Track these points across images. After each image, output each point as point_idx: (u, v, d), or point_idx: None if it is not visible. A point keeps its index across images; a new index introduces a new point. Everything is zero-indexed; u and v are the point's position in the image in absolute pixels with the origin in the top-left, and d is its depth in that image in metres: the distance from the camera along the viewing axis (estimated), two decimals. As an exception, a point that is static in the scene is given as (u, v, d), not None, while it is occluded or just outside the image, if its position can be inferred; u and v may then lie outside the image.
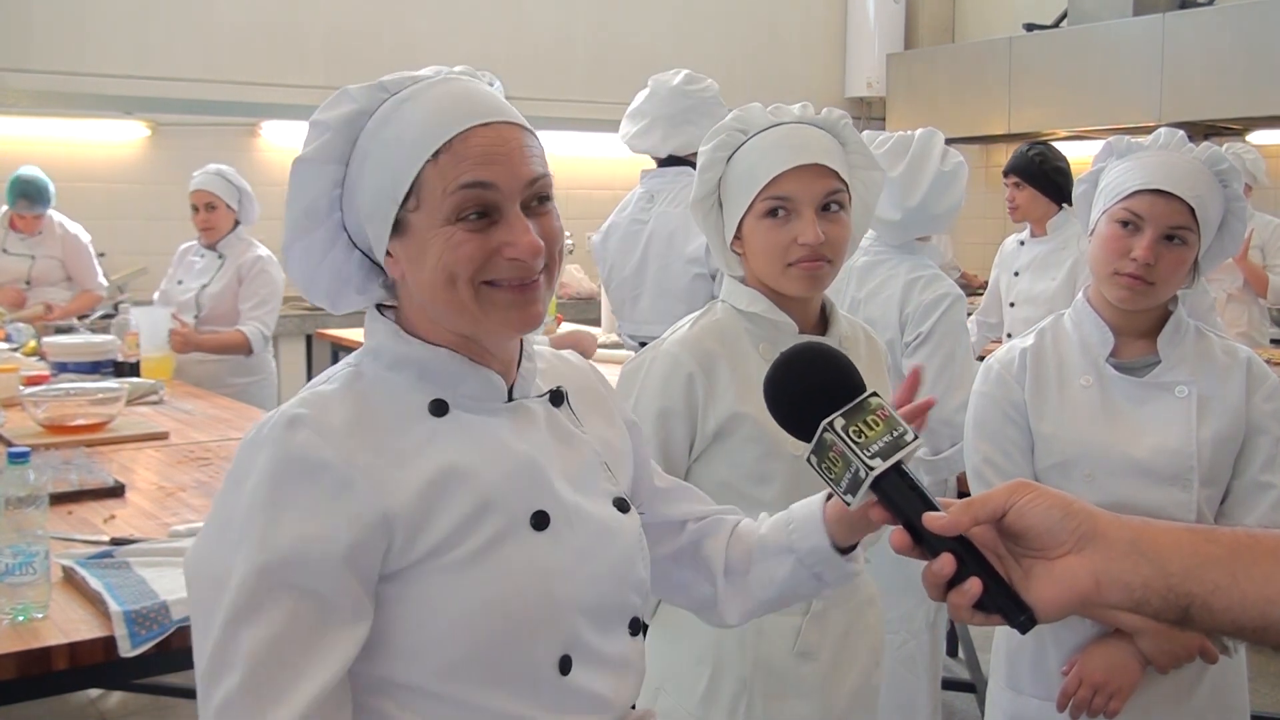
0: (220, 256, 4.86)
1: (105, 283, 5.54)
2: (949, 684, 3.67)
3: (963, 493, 2.92)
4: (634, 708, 1.38)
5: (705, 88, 3.72)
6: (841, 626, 1.95)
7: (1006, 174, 4.75)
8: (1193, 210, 1.96)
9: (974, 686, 3.92)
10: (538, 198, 1.23)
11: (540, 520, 1.24)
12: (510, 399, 1.30)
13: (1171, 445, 2.00)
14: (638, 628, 1.36)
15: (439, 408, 1.24)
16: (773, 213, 1.85)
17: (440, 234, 1.19)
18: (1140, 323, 2.07)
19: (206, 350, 4.73)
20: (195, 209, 4.81)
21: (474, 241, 1.19)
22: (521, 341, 1.34)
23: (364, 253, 1.29)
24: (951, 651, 4.25)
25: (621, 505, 1.36)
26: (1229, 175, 2.02)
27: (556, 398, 1.35)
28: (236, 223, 4.87)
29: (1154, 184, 1.98)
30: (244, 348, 4.76)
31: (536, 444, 1.28)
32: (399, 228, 1.22)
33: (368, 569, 1.16)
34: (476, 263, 1.19)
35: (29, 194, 5.32)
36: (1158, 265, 1.97)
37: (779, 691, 1.91)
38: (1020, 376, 2.12)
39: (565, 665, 1.24)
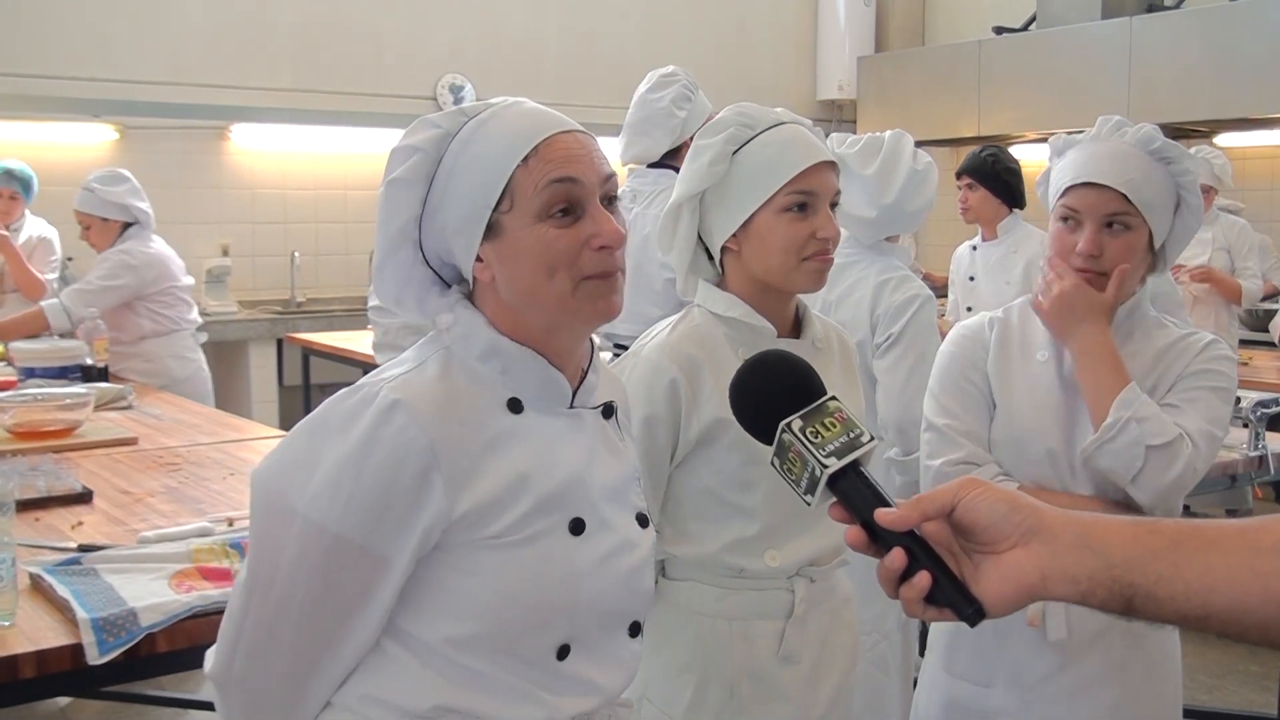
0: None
1: (54, 277, 5.46)
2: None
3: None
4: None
5: (660, 97, 3.70)
6: (822, 629, 1.96)
7: (959, 175, 4.80)
8: (1131, 197, 1.97)
9: (946, 687, 3.93)
10: (608, 197, 1.37)
11: (578, 526, 1.38)
12: (572, 405, 1.42)
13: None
14: (637, 630, 1.49)
15: (516, 405, 1.37)
16: (798, 207, 1.86)
17: (534, 231, 1.33)
18: None
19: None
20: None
21: (566, 236, 1.33)
22: (591, 353, 1.46)
23: (433, 269, 1.42)
24: (923, 651, 4.26)
25: (642, 520, 1.50)
26: (1166, 151, 2.01)
27: (608, 410, 1.48)
28: (128, 225, 4.84)
29: (1083, 178, 2.01)
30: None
31: (586, 455, 1.41)
32: (491, 231, 1.34)
33: (427, 544, 1.31)
34: (573, 254, 1.33)
35: (11, 169, 5.27)
36: (1106, 254, 1.99)
37: (764, 695, 1.92)
38: (985, 340, 2.15)
39: (563, 652, 1.37)
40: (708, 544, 1.90)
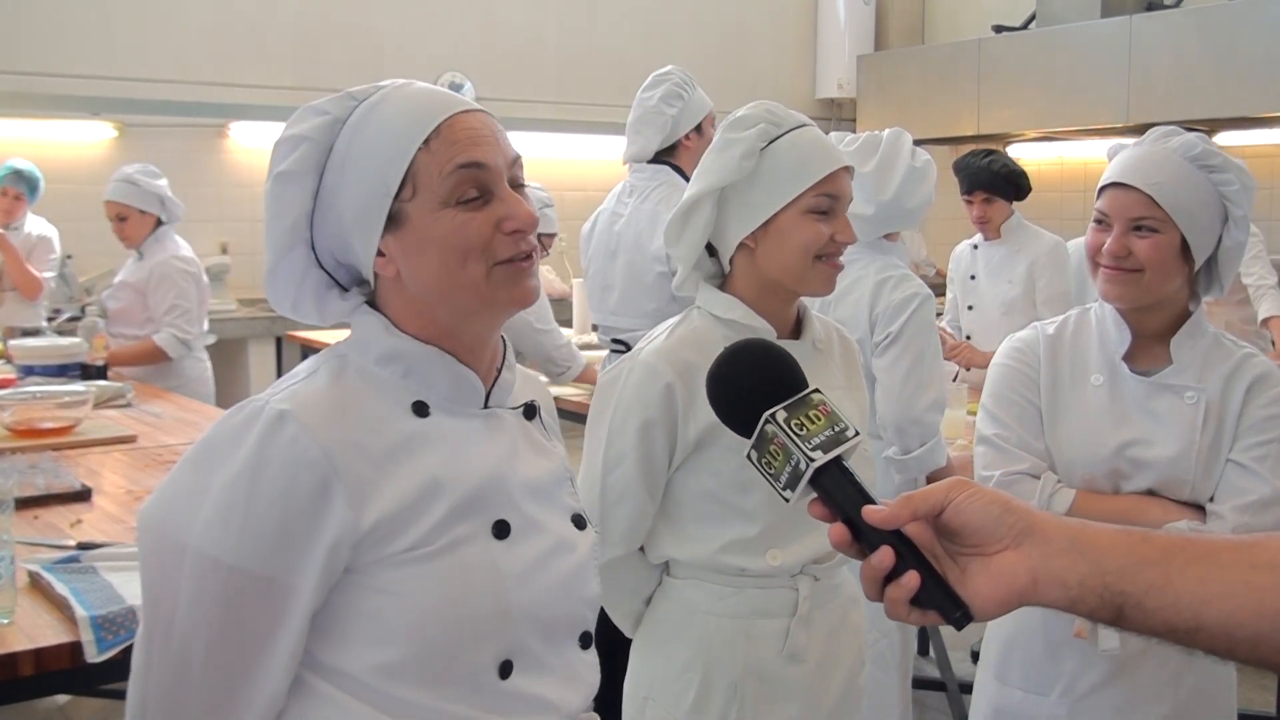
0: (141, 256, 4.82)
1: (52, 276, 5.47)
2: (919, 682, 3.69)
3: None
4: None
5: (650, 95, 3.70)
6: (828, 627, 1.96)
7: (973, 190, 4.64)
8: (1157, 200, 1.96)
9: (944, 685, 3.94)
10: (516, 181, 1.29)
11: (501, 529, 1.28)
12: (486, 405, 1.34)
13: (1172, 454, 2.00)
14: (589, 641, 1.39)
15: (421, 409, 1.28)
16: (823, 209, 1.87)
17: (442, 217, 1.24)
18: (1156, 323, 2.05)
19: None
20: (111, 220, 4.78)
21: (477, 220, 1.24)
22: (504, 352, 1.37)
23: (327, 272, 1.32)
24: (922, 650, 4.27)
25: (579, 521, 1.41)
26: (1207, 159, 1.99)
27: (530, 411, 1.39)
28: (160, 222, 4.80)
29: (1111, 178, 2.02)
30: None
31: (505, 454, 1.32)
32: (393, 221, 1.25)
33: (336, 565, 1.20)
34: (485, 238, 1.24)
35: (19, 170, 5.28)
36: (1135, 254, 1.98)
37: (769, 695, 1.91)
38: (1038, 355, 2.12)
39: (505, 670, 1.27)
40: (707, 545, 1.89)
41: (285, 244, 1.29)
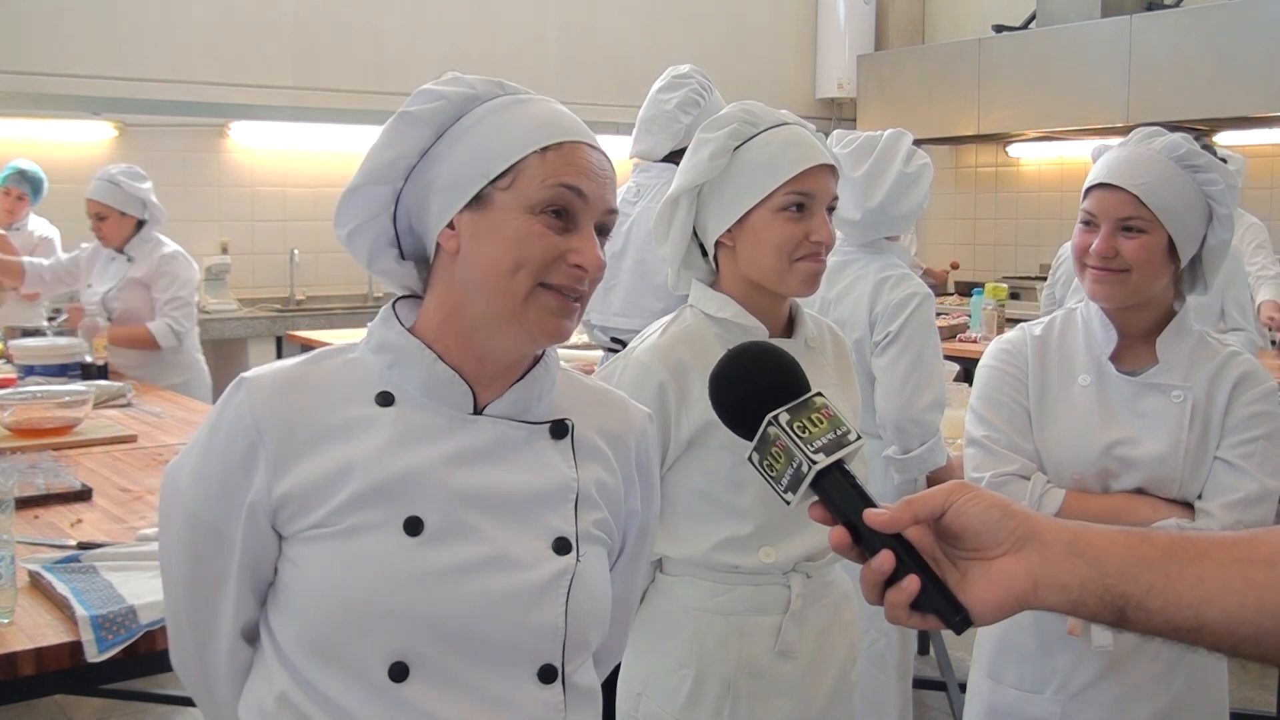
0: (129, 260, 4.81)
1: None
2: (919, 682, 3.68)
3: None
4: None
5: (668, 99, 3.69)
6: (820, 624, 1.96)
7: None
8: (1144, 200, 1.97)
9: (944, 685, 3.94)
10: (603, 227, 1.33)
11: (413, 526, 1.26)
12: (478, 412, 1.32)
13: (1159, 452, 2.01)
14: (551, 676, 1.30)
15: (385, 399, 1.31)
16: (796, 207, 1.86)
17: (521, 219, 1.27)
18: (1142, 323, 2.07)
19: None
20: (90, 217, 4.76)
21: (548, 239, 1.27)
22: (533, 368, 1.36)
23: (396, 232, 1.36)
24: (922, 650, 4.27)
25: (561, 546, 1.32)
26: (1192, 159, 2.01)
27: (559, 430, 1.36)
28: (141, 223, 4.80)
29: (1098, 179, 2.03)
30: (149, 343, 4.79)
31: (462, 456, 1.30)
32: (478, 201, 1.28)
33: (259, 527, 1.29)
34: (548, 259, 1.27)
35: (24, 170, 5.29)
36: (1122, 255, 1.99)
37: (762, 691, 1.92)
38: (1026, 356, 2.13)
39: (398, 673, 1.24)
40: (700, 543, 1.90)
41: (378, 175, 1.33)
